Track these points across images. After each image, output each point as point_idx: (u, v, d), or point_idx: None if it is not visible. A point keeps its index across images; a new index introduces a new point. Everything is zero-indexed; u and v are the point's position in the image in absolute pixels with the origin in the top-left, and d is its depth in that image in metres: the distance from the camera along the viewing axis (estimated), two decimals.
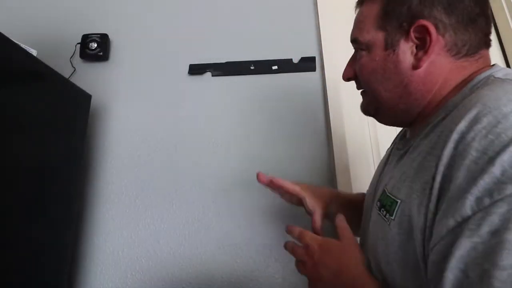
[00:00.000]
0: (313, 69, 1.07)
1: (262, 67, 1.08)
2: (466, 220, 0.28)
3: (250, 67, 1.08)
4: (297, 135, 1.02)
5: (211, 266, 0.93)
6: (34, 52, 0.88)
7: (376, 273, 0.44)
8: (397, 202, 0.39)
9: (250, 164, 1.00)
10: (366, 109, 0.53)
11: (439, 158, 0.32)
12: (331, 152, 1.00)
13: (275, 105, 1.05)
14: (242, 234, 0.95)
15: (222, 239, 0.95)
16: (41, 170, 0.77)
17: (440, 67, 0.41)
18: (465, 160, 0.29)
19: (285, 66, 1.07)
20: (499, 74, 0.38)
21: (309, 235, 0.51)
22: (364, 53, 0.47)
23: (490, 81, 0.37)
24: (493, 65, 0.42)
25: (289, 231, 0.56)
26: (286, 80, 1.07)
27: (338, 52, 1.07)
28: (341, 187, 0.95)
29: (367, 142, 1.04)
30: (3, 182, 0.65)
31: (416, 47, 0.42)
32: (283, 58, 1.08)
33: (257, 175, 0.70)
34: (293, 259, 0.57)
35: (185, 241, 0.95)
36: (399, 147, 0.50)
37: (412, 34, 0.41)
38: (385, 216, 0.41)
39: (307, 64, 1.07)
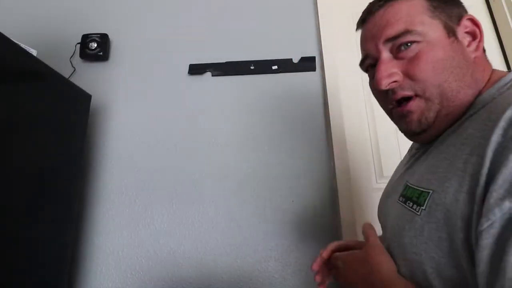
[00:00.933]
0: (313, 69, 1.07)
1: (262, 67, 1.08)
2: None
3: (250, 67, 1.08)
4: (297, 135, 1.02)
5: (211, 266, 0.93)
6: (34, 52, 0.88)
7: (400, 262, 0.44)
8: (428, 192, 0.38)
9: (250, 164, 1.00)
10: (420, 118, 0.44)
11: (484, 146, 0.32)
12: (331, 152, 0.99)
13: (275, 105, 1.05)
14: (242, 234, 0.95)
15: (222, 239, 0.95)
16: (41, 170, 0.77)
17: (481, 58, 0.45)
18: None
19: (285, 66, 1.07)
20: None
21: (334, 255, 0.55)
22: (422, 45, 0.43)
23: None
24: (509, 71, 0.44)
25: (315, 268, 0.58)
26: (286, 80, 1.07)
27: (338, 52, 1.07)
28: (341, 187, 0.95)
29: (367, 142, 1.04)
30: (3, 182, 0.65)
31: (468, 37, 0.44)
32: (283, 58, 1.08)
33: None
34: (293, 259, 0.59)
35: (185, 241, 0.95)
36: (418, 149, 0.50)
37: (463, 24, 0.44)
38: (412, 207, 0.41)
39: (307, 64, 1.07)
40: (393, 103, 0.46)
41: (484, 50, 0.45)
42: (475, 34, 0.44)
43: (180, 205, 0.98)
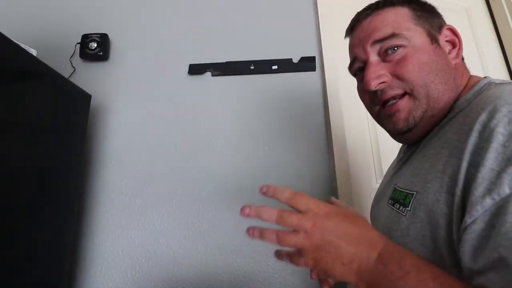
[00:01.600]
0: (313, 69, 1.07)
1: (262, 67, 1.08)
2: (506, 198, 0.29)
3: (250, 67, 1.08)
4: (297, 135, 1.02)
5: (211, 266, 0.93)
6: (34, 52, 0.88)
7: None
8: (412, 194, 0.41)
9: (250, 164, 1.00)
10: (407, 117, 0.45)
11: (461, 148, 0.34)
12: (331, 152, 0.99)
13: (275, 104, 1.05)
14: (242, 234, 0.94)
15: (222, 239, 0.95)
16: (41, 170, 0.77)
17: (461, 64, 0.48)
18: (492, 143, 0.31)
19: (285, 66, 1.07)
20: (497, 81, 0.42)
21: (306, 196, 0.38)
22: (407, 49, 0.45)
23: (493, 85, 0.41)
24: (485, 77, 0.46)
25: (266, 191, 0.41)
26: (286, 80, 1.07)
27: (338, 52, 1.07)
28: (341, 187, 0.95)
29: (367, 142, 1.04)
30: (3, 182, 0.65)
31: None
32: (283, 58, 1.08)
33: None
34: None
35: (185, 241, 0.95)
36: (405, 153, 0.53)
37: (444, 33, 0.47)
38: (399, 209, 0.43)
39: (307, 64, 1.07)
40: (380, 104, 0.48)
41: (462, 58, 0.49)
42: (455, 43, 0.48)
43: (180, 205, 0.98)
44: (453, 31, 0.48)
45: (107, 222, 0.98)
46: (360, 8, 0.54)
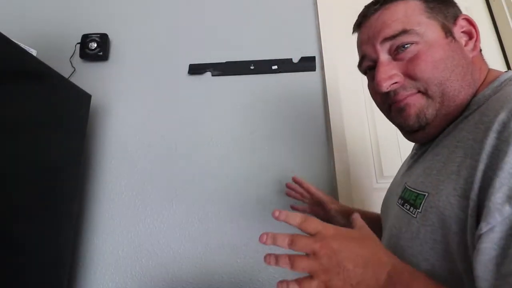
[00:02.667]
0: (313, 69, 1.07)
1: (262, 67, 1.08)
2: None
3: (250, 67, 1.08)
4: (297, 135, 1.02)
5: (211, 266, 0.93)
6: (34, 52, 0.88)
7: None
8: (424, 195, 0.39)
9: (250, 164, 1.00)
10: (419, 113, 0.43)
11: (478, 149, 0.32)
12: (331, 152, 0.99)
13: (275, 104, 1.05)
14: (242, 234, 0.95)
15: (222, 239, 0.95)
16: (41, 170, 0.77)
17: (478, 57, 0.45)
18: None
19: (285, 66, 1.07)
20: None
21: (316, 220, 0.37)
22: (420, 45, 0.42)
23: None
24: (506, 71, 0.44)
25: (278, 216, 0.39)
26: (286, 80, 1.07)
27: (338, 52, 1.07)
28: (341, 187, 0.95)
29: (367, 142, 1.04)
30: (3, 182, 0.65)
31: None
32: (283, 58, 1.08)
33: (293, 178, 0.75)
34: None
35: (185, 241, 0.95)
36: (418, 149, 0.50)
37: (459, 24, 0.44)
38: (409, 210, 0.41)
39: (307, 64, 1.07)
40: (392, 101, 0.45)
41: (480, 50, 0.45)
42: (471, 34, 0.44)
43: (180, 205, 0.98)
44: (469, 21, 0.44)
45: (107, 222, 0.98)
46: (360, 8, 0.53)
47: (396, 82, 0.43)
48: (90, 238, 0.97)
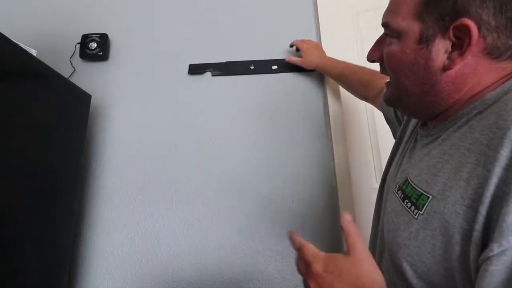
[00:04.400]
0: (313, 69, 1.07)
1: (262, 67, 1.08)
2: None
3: (250, 67, 1.08)
4: (297, 135, 1.02)
5: (211, 266, 0.93)
6: (34, 52, 0.88)
7: (389, 261, 0.44)
8: (428, 197, 0.37)
9: (250, 164, 1.00)
10: (389, 99, 0.49)
11: (492, 158, 0.30)
12: (331, 152, 0.99)
13: (275, 104, 1.05)
14: (242, 234, 0.95)
15: (222, 239, 0.95)
16: (41, 170, 0.77)
17: (475, 69, 0.38)
18: None
19: (285, 66, 1.07)
20: None
21: (311, 252, 0.40)
22: (394, 40, 0.42)
23: None
24: None
25: (290, 238, 0.44)
26: (286, 80, 1.07)
27: (338, 52, 1.07)
28: (341, 187, 0.95)
29: (367, 142, 1.04)
30: (2, 182, 0.65)
31: (452, 46, 0.38)
32: (283, 58, 1.08)
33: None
34: (293, 259, 0.55)
35: (185, 241, 0.95)
36: (422, 133, 0.47)
37: (451, 32, 0.37)
38: (410, 208, 0.40)
39: None
40: None
41: (499, 57, 0.37)
42: (463, 42, 0.36)
43: (180, 205, 0.98)
44: (466, 29, 0.35)
45: (107, 222, 0.98)
46: (360, 8, 0.53)
47: (376, 61, 0.49)
48: (90, 238, 0.97)
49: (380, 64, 0.48)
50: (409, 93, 0.44)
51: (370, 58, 0.49)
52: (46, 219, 0.78)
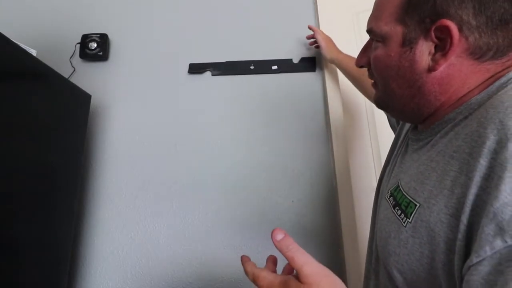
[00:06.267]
0: (313, 69, 1.07)
1: (262, 67, 1.08)
2: None
3: (250, 67, 1.08)
4: (297, 135, 1.02)
5: (211, 266, 0.93)
6: (34, 52, 0.88)
7: (381, 267, 0.44)
8: (415, 205, 0.37)
9: (249, 164, 1.00)
10: (377, 102, 0.50)
11: (473, 166, 0.30)
12: (331, 152, 0.99)
13: (275, 105, 1.05)
14: (242, 234, 0.95)
15: (222, 239, 0.95)
16: (41, 170, 0.77)
17: (459, 70, 0.38)
18: (510, 172, 0.27)
19: (285, 66, 1.07)
20: None
21: (262, 278, 0.38)
22: (380, 44, 0.43)
23: None
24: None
25: (243, 263, 0.45)
26: (286, 80, 1.07)
27: None
28: (341, 187, 0.95)
29: (367, 142, 1.04)
30: (2, 182, 0.65)
31: (436, 47, 0.38)
32: (283, 58, 1.08)
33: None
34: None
35: (185, 241, 0.95)
36: (412, 138, 0.48)
37: (432, 34, 0.37)
38: (399, 216, 0.40)
39: (307, 64, 1.07)
40: None
41: (482, 57, 0.37)
42: (444, 44, 0.36)
43: (180, 205, 0.98)
44: (448, 30, 0.36)
45: (107, 222, 0.98)
46: (360, 8, 0.53)
47: (364, 67, 0.50)
48: (90, 238, 0.97)
49: (368, 69, 0.49)
50: (396, 96, 0.44)
51: (358, 64, 0.50)
52: (46, 219, 0.78)
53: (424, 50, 0.39)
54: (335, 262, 0.91)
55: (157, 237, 0.96)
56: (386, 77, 0.44)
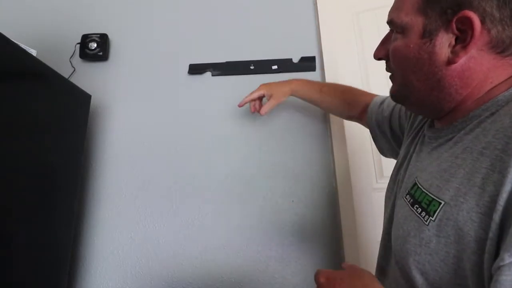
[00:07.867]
0: (313, 69, 1.07)
1: (262, 67, 1.08)
2: None
3: (250, 67, 1.08)
4: (297, 135, 1.02)
5: (211, 266, 0.93)
6: (34, 52, 0.88)
7: (395, 266, 0.43)
8: (440, 203, 0.36)
9: (250, 164, 1.00)
10: (395, 95, 0.48)
11: (507, 163, 0.29)
12: (331, 152, 0.99)
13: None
14: (242, 234, 0.95)
15: (222, 239, 0.95)
16: (41, 170, 0.77)
17: (481, 64, 0.37)
18: None
19: (285, 66, 1.07)
20: None
21: (319, 272, 0.44)
22: (399, 36, 0.43)
23: None
24: None
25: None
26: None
27: (338, 52, 1.07)
28: (341, 187, 0.95)
29: (367, 142, 1.04)
30: (3, 182, 0.65)
31: (456, 39, 0.37)
32: (283, 58, 1.08)
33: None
34: (293, 259, 0.55)
35: (185, 241, 0.95)
36: (430, 135, 0.47)
37: (453, 25, 0.36)
38: (420, 214, 0.39)
39: (307, 64, 1.07)
40: None
41: (504, 51, 0.36)
42: (466, 35, 0.36)
43: (180, 205, 0.98)
44: (469, 21, 0.35)
45: (107, 222, 0.98)
46: (360, 8, 0.53)
47: (382, 59, 0.49)
48: (90, 238, 0.97)
49: (386, 62, 0.48)
50: (415, 89, 0.43)
51: (377, 56, 0.49)
52: (46, 219, 0.78)
53: (444, 42, 0.38)
54: (335, 262, 0.91)
55: (157, 237, 0.96)
56: (405, 69, 0.43)
